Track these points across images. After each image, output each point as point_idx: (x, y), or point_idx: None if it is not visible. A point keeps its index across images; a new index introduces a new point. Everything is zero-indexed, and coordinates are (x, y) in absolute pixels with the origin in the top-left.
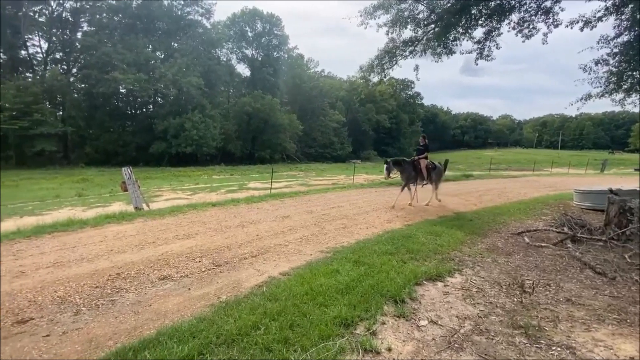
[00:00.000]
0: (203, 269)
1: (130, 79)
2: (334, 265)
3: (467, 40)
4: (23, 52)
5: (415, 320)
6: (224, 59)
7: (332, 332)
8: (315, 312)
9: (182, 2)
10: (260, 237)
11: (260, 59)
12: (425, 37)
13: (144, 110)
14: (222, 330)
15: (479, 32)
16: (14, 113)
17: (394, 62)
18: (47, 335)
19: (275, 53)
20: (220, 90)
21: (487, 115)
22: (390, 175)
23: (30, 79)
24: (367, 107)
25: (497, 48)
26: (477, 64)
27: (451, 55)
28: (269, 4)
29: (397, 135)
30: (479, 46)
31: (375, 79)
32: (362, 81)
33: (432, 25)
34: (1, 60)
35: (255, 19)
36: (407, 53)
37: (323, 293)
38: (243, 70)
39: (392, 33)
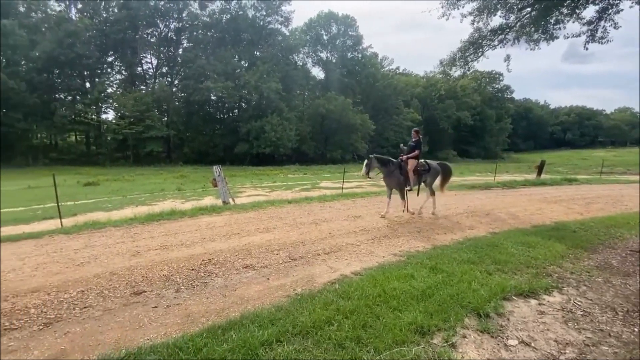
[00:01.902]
0: (280, 262)
1: (220, 87)
2: (408, 270)
3: (574, 22)
4: (139, 68)
5: (502, 338)
6: (300, 64)
7: (406, 338)
8: (389, 315)
9: (264, 13)
10: (333, 235)
11: (334, 60)
12: (518, 23)
13: (231, 114)
14: (298, 321)
15: (589, 11)
16: (131, 120)
17: (479, 54)
18: (155, 307)
19: (349, 54)
20: (296, 94)
21: (598, 108)
22: (370, 174)
23: (144, 91)
24: (446, 104)
25: (615, 28)
26: (586, 49)
27: (552, 41)
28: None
29: (481, 134)
30: (591, 27)
31: (457, 73)
32: (441, 76)
33: (528, 9)
34: (124, 76)
35: (330, 22)
36: (495, 42)
37: (397, 297)
38: (318, 73)
39: (478, 22)
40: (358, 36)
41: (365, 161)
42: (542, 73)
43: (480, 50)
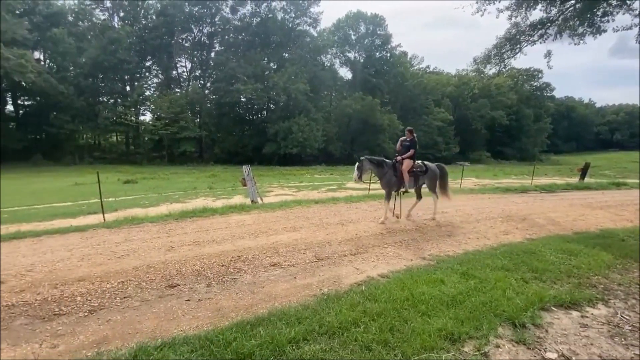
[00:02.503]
0: (307, 261)
1: (249, 89)
2: (437, 275)
3: (624, 14)
4: (174, 72)
5: (539, 350)
6: (328, 64)
7: (435, 345)
8: (417, 320)
9: (293, 15)
10: (359, 236)
11: (362, 60)
12: (561, 17)
13: (259, 115)
14: (324, 321)
15: None
16: (167, 121)
17: (516, 50)
18: (188, 300)
19: (377, 53)
20: (323, 95)
21: None
22: (362, 178)
23: (178, 94)
24: (479, 103)
25: None
26: (638, 42)
27: (599, 34)
28: (375, 5)
29: (518, 134)
30: None
31: (492, 70)
32: (474, 74)
33: (572, 1)
34: (160, 80)
35: (358, 22)
36: (535, 38)
37: (425, 302)
38: (345, 73)
39: (516, 17)
40: (387, 35)
41: (357, 164)
42: (586, 69)
43: (518, 46)
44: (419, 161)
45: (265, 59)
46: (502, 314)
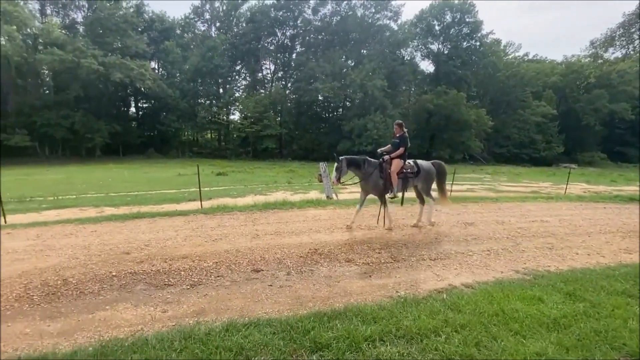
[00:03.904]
0: (382, 261)
1: (327, 87)
2: (534, 292)
3: None
4: (259, 74)
5: None
6: (408, 58)
7: None
8: (509, 339)
9: (373, 10)
10: (440, 240)
11: (446, 52)
12: None
13: (335, 113)
14: (401, 324)
15: None
16: (252, 120)
17: None
18: (270, 285)
19: (464, 43)
20: (401, 90)
21: None
22: (341, 180)
23: (262, 94)
24: (594, 94)
25: None
26: None
27: None
28: None
29: None
30: None
31: (614, 54)
32: (589, 60)
33: None
34: (247, 82)
35: (444, 11)
36: None
37: (519, 320)
38: (427, 66)
39: None
40: (476, 22)
41: (335, 165)
42: None
43: None
44: (410, 160)
45: (344, 56)
46: (621, 348)
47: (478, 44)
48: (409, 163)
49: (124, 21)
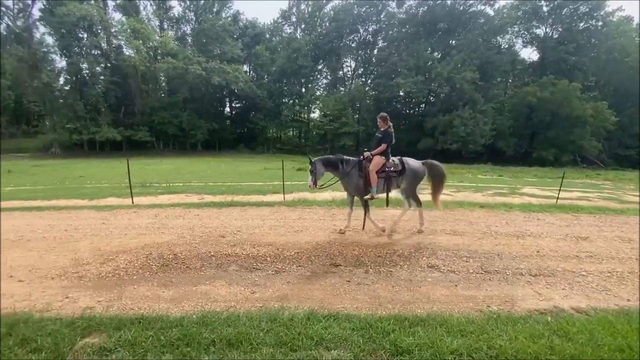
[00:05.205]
0: (470, 270)
1: (410, 82)
2: None
3: None
4: (340, 72)
5: None
6: (505, 46)
7: None
8: None
9: None
10: (542, 254)
11: (556, 36)
12: None
13: (417, 109)
14: (494, 342)
15: None
16: (331, 118)
17: None
18: (349, 281)
19: (580, 24)
20: (496, 82)
21: None
22: (317, 183)
23: (342, 92)
24: None
25: None
26: None
27: None
28: None
29: None
30: None
31: None
32: None
33: None
34: (328, 80)
35: None
36: None
37: None
38: (529, 54)
39: None
40: None
41: (309, 167)
42: None
43: None
44: (396, 158)
45: (429, 49)
46: None
47: (600, 23)
48: (393, 161)
49: (223, 30)
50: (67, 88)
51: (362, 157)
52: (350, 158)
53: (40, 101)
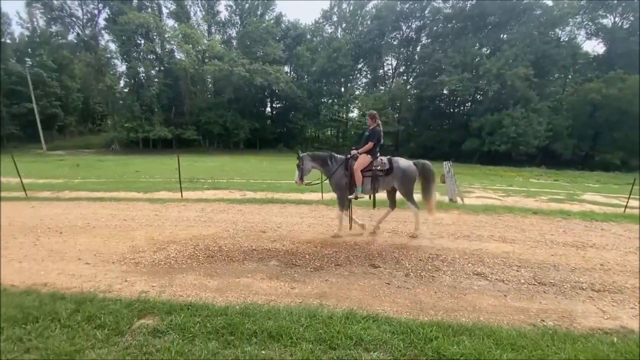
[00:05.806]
0: (522, 281)
1: (455, 79)
2: None
3: None
4: (381, 71)
5: None
6: (565, 39)
7: None
8: None
9: None
10: (606, 268)
11: (626, 26)
12: None
13: (462, 108)
14: None
15: None
16: None
17: None
18: (388, 284)
19: None
20: (553, 78)
21: None
22: (303, 179)
23: (382, 91)
24: None
25: None
26: None
27: None
28: None
29: None
30: None
31: None
32: None
33: None
34: (368, 79)
35: None
36: None
37: None
38: (594, 47)
39: None
40: None
41: (297, 163)
42: None
43: None
44: (384, 157)
45: (477, 44)
46: None
47: None
48: (381, 160)
49: (266, 32)
50: (126, 90)
51: (348, 155)
52: (338, 156)
53: (104, 102)
